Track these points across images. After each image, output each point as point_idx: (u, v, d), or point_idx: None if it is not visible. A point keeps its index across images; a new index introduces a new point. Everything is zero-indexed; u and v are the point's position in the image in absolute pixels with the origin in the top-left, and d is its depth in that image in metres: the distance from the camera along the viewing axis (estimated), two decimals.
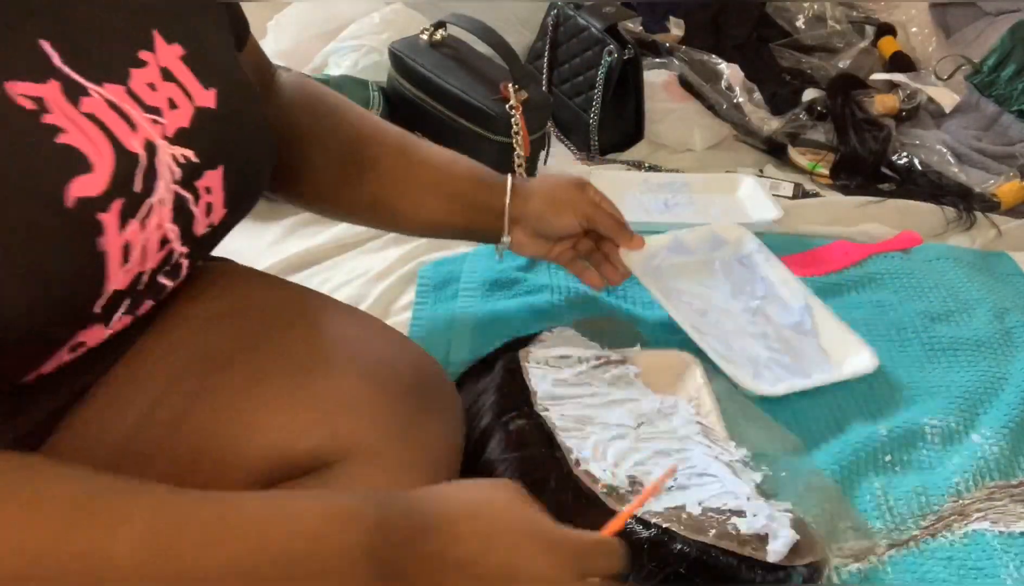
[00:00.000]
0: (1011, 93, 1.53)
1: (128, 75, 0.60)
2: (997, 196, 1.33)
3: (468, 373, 0.83)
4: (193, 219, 0.64)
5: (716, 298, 0.99)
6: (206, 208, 0.65)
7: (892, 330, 1.00)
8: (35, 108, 0.53)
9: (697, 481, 0.71)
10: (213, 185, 0.65)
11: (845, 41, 1.75)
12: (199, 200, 0.64)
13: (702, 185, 1.30)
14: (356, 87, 1.41)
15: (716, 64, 1.57)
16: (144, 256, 0.60)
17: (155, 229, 0.60)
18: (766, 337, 0.95)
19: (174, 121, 0.61)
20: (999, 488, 0.80)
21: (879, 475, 0.81)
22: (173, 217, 0.62)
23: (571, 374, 0.81)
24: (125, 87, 0.59)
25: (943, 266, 1.11)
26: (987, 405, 0.89)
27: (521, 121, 1.27)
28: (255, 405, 0.64)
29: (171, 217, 0.61)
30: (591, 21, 1.43)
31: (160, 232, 0.61)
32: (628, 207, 1.23)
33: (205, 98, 0.64)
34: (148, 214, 0.59)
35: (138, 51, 0.61)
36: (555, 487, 0.69)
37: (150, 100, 0.60)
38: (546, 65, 1.52)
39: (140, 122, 0.59)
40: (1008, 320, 1.02)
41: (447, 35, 1.39)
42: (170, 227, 0.62)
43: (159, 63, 0.62)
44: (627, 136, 1.49)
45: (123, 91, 0.59)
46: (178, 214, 0.62)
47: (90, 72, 0.57)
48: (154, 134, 0.60)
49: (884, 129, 1.45)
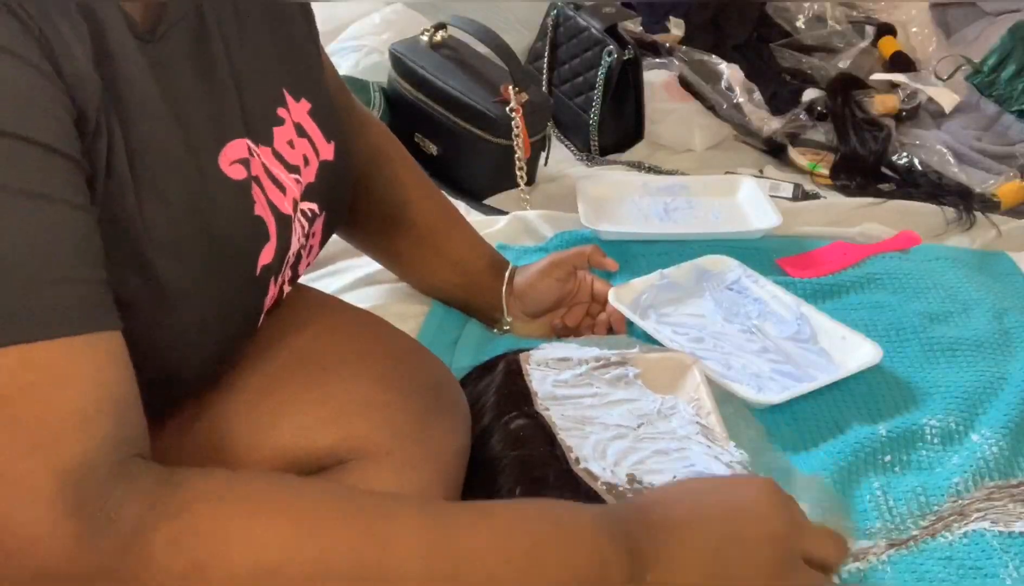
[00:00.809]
0: (1011, 93, 1.53)
1: (272, 136, 0.61)
2: (997, 196, 1.33)
3: (469, 376, 0.84)
4: (301, 261, 0.67)
5: (710, 324, 0.99)
6: (308, 251, 0.68)
7: (891, 330, 1.00)
8: (245, 176, 0.57)
9: None
10: (317, 231, 0.68)
11: (845, 41, 1.75)
12: (311, 251, 0.68)
13: (702, 188, 1.30)
14: (357, 88, 1.41)
15: (716, 64, 1.57)
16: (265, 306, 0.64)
17: (278, 284, 0.64)
18: (766, 351, 0.95)
19: (306, 177, 0.64)
20: (999, 488, 0.80)
21: (879, 475, 0.82)
22: (291, 264, 0.65)
23: (571, 375, 0.81)
24: (271, 148, 0.61)
25: (942, 266, 1.11)
26: (986, 405, 0.89)
27: (521, 123, 1.27)
28: (271, 405, 0.65)
29: (292, 262, 0.65)
30: (591, 21, 1.43)
31: (284, 280, 0.65)
32: (627, 213, 1.24)
33: (327, 151, 0.66)
34: (283, 268, 0.63)
35: (277, 108, 0.63)
36: (555, 485, 0.69)
37: (291, 158, 0.62)
38: (546, 66, 1.52)
39: (288, 184, 0.61)
40: (1007, 320, 1.02)
41: (447, 36, 1.40)
42: (287, 274, 0.65)
43: (294, 119, 0.63)
44: (627, 136, 1.49)
45: (271, 153, 0.61)
46: (294, 261, 0.65)
47: (239, 126, 0.59)
48: (297, 193, 0.63)
49: (884, 129, 1.45)
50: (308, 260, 0.68)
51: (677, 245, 1.15)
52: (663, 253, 1.13)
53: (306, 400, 0.65)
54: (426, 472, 0.64)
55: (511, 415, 0.75)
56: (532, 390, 0.78)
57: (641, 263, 1.11)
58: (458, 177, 1.35)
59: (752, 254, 1.13)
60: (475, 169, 1.34)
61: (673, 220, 1.23)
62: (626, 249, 1.13)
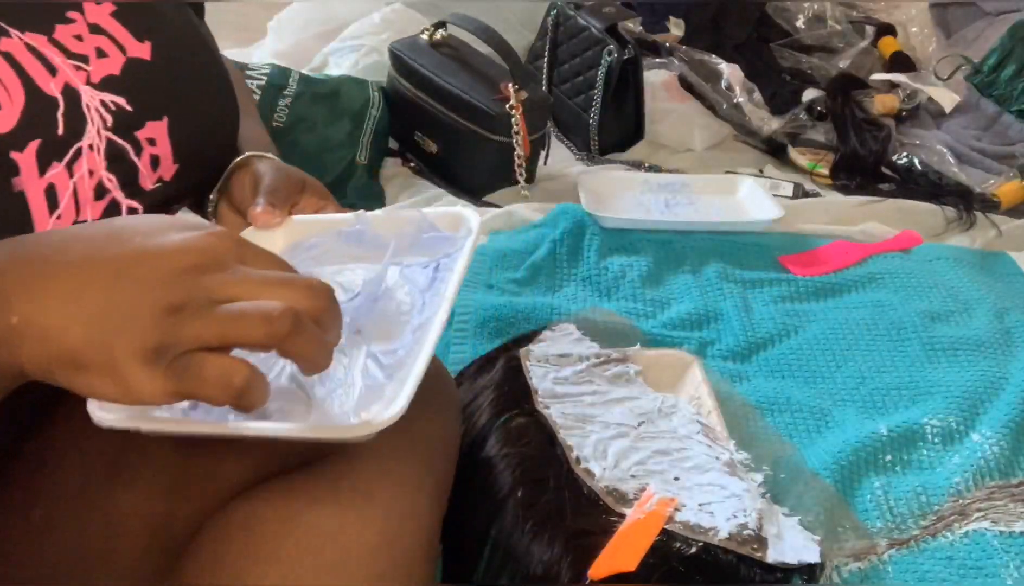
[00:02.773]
0: (1011, 93, 1.53)
1: (53, 28, 0.60)
2: (997, 196, 1.33)
3: (468, 370, 0.83)
4: (137, 171, 0.63)
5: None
6: (151, 160, 0.64)
7: (892, 330, 1.00)
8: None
9: (697, 481, 0.71)
10: (157, 137, 0.64)
11: (845, 41, 1.75)
12: (142, 151, 0.63)
13: (702, 186, 1.30)
14: (356, 87, 1.41)
15: (716, 64, 1.57)
16: (78, 204, 0.60)
17: (87, 176, 0.60)
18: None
19: (102, 68, 0.61)
20: (999, 488, 0.80)
21: (879, 475, 0.81)
22: (108, 165, 0.61)
23: (571, 372, 0.81)
24: (48, 37, 0.59)
25: (943, 266, 1.11)
26: (987, 405, 0.89)
27: (521, 121, 1.27)
28: None
29: (106, 165, 0.61)
30: (591, 21, 1.43)
31: (95, 179, 0.60)
32: (628, 207, 1.24)
33: (138, 50, 0.64)
34: (75, 158, 0.59)
35: (66, 11, 0.61)
36: (555, 485, 0.69)
37: (75, 48, 0.60)
38: (546, 65, 1.52)
39: (61, 67, 0.59)
40: (1008, 320, 1.01)
41: (447, 35, 1.40)
42: (106, 175, 0.61)
43: (87, 20, 0.62)
44: (627, 136, 1.49)
45: (45, 40, 0.59)
46: (115, 162, 0.62)
47: (12, 20, 0.58)
48: (76, 79, 0.60)
49: (884, 129, 1.45)
50: (159, 174, 0.64)
51: (679, 235, 1.15)
52: (665, 242, 1.14)
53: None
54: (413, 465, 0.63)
55: (511, 413, 0.75)
56: (532, 387, 0.77)
57: (643, 252, 1.11)
58: (458, 175, 1.35)
59: (754, 251, 1.14)
60: (475, 167, 1.34)
61: (674, 215, 1.23)
62: (628, 237, 1.13)
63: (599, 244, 1.13)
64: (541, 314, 0.99)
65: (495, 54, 1.31)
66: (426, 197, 1.31)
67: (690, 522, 0.66)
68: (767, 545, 0.66)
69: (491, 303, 1.01)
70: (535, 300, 1.02)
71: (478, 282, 1.05)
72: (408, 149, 1.43)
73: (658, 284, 1.08)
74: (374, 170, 1.39)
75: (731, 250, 1.11)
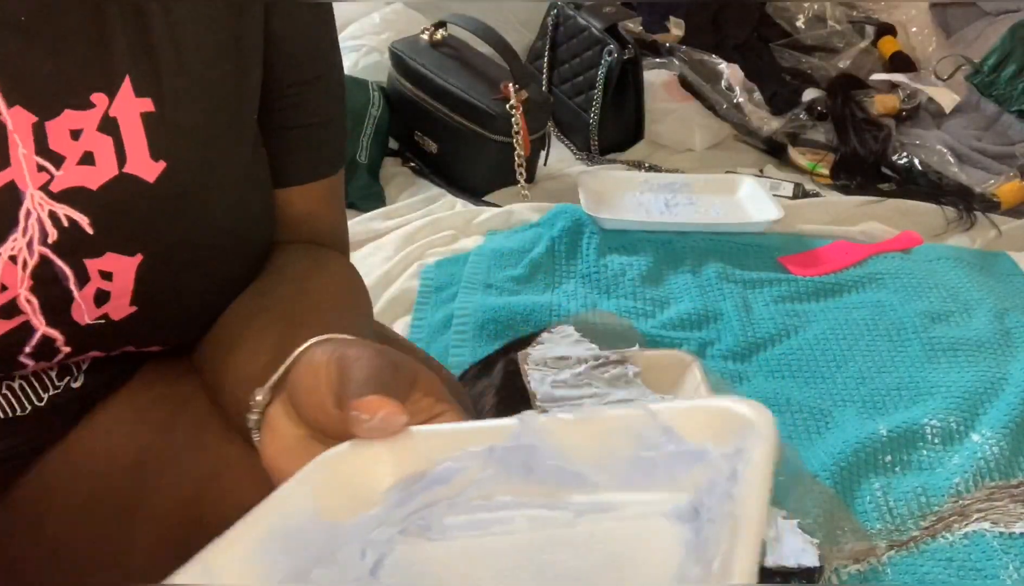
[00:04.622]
0: (1011, 93, 1.53)
1: (57, 113, 0.51)
2: (997, 196, 1.33)
3: (467, 374, 0.83)
4: (71, 302, 0.53)
5: None
6: (96, 294, 0.53)
7: (892, 330, 1.00)
8: None
9: None
10: (117, 272, 0.53)
11: (845, 41, 1.75)
12: (87, 283, 0.53)
13: (703, 185, 1.30)
14: (356, 87, 1.41)
15: (716, 64, 1.57)
16: None
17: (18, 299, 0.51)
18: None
19: (72, 178, 0.51)
20: (999, 488, 0.80)
21: (879, 475, 0.81)
22: (32, 286, 0.51)
23: (570, 375, 0.81)
24: (38, 121, 0.50)
25: (943, 266, 1.11)
26: (987, 405, 0.89)
27: (521, 121, 1.27)
28: None
29: (30, 285, 0.51)
30: (591, 21, 1.43)
31: (6, 296, 0.51)
32: (628, 207, 1.24)
33: (144, 168, 0.53)
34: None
35: (92, 93, 0.52)
36: None
37: (57, 146, 0.51)
38: (546, 65, 1.52)
39: (19, 161, 0.50)
40: (1008, 320, 1.01)
41: (447, 35, 1.39)
42: (26, 294, 0.52)
43: (110, 113, 0.52)
44: (627, 136, 1.49)
45: (30, 123, 0.50)
46: (44, 285, 0.52)
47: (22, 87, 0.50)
48: (28, 181, 0.50)
49: (884, 129, 1.45)
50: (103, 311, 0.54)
51: (678, 236, 1.15)
52: (665, 242, 1.14)
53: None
54: None
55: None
56: (531, 391, 0.77)
57: (642, 251, 1.11)
58: (458, 174, 1.35)
59: (754, 251, 1.14)
60: (475, 166, 1.34)
61: (674, 215, 1.23)
62: (627, 237, 1.13)
63: (598, 242, 1.13)
64: (540, 315, 0.99)
65: (495, 54, 1.31)
66: (426, 196, 1.31)
67: None
68: (765, 549, 0.66)
69: (490, 305, 1.01)
70: (534, 299, 1.02)
71: (477, 282, 1.05)
72: (408, 149, 1.43)
73: (658, 283, 1.08)
74: (374, 170, 1.39)
75: (731, 250, 1.11)
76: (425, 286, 1.05)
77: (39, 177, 0.50)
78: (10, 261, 0.51)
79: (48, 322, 0.53)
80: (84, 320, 0.53)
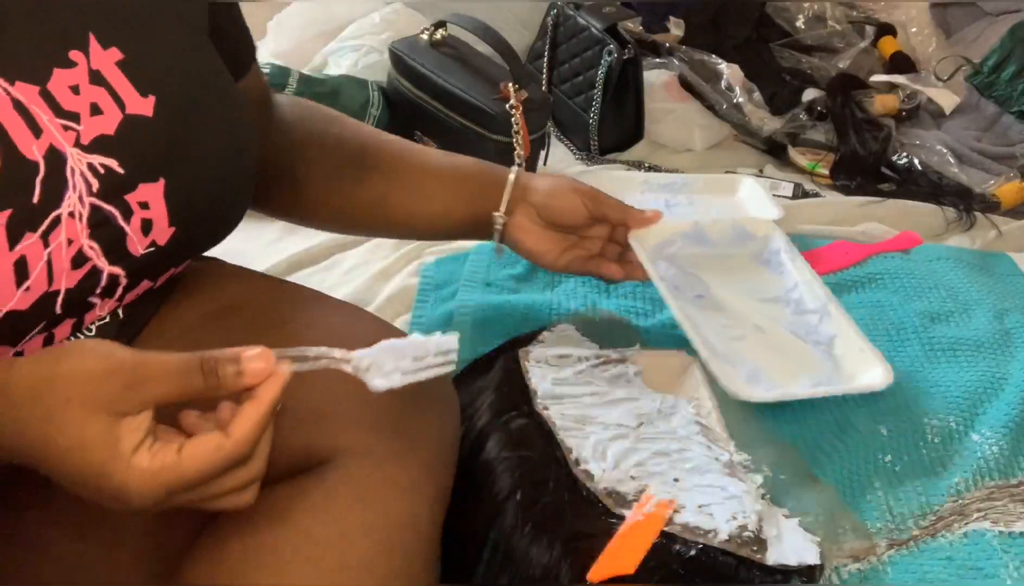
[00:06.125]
0: (1011, 94, 1.53)
1: (49, 75, 0.56)
2: (997, 196, 1.34)
3: (466, 371, 0.83)
4: (125, 236, 0.60)
5: (729, 297, 0.92)
6: (142, 225, 0.60)
7: (892, 330, 1.00)
8: None
9: (697, 482, 0.71)
10: (151, 199, 0.60)
11: (845, 41, 1.75)
12: (132, 216, 0.60)
13: (703, 185, 1.29)
14: (356, 87, 1.41)
15: (716, 64, 1.57)
16: (52, 274, 0.56)
17: (65, 245, 0.56)
18: (778, 342, 0.89)
19: (94, 128, 0.57)
20: (999, 488, 0.80)
21: (879, 475, 0.81)
22: (91, 232, 0.58)
23: (571, 373, 0.81)
24: (41, 88, 0.56)
25: (943, 266, 1.11)
26: (987, 405, 0.89)
27: (521, 120, 1.27)
28: None
29: (88, 232, 0.58)
30: (591, 21, 1.43)
31: (74, 248, 0.57)
32: None
33: (139, 105, 0.60)
34: (53, 227, 0.55)
35: (69, 51, 0.57)
36: (555, 487, 0.69)
37: (68, 104, 0.56)
38: (546, 65, 1.52)
39: (47, 127, 0.55)
40: (1008, 320, 1.01)
41: (447, 35, 1.40)
42: (88, 243, 0.58)
43: (91, 65, 0.58)
44: (627, 136, 1.49)
45: (36, 92, 0.55)
46: (99, 228, 0.58)
47: (8, 64, 0.54)
48: (63, 141, 0.56)
49: (884, 129, 1.45)
50: (151, 238, 0.61)
51: None
52: None
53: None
54: (412, 467, 0.63)
55: (510, 415, 0.75)
56: (531, 388, 0.77)
57: None
58: None
59: None
60: None
61: (674, 215, 1.23)
62: None
63: None
64: (539, 313, 0.99)
65: (495, 54, 1.31)
66: None
67: (689, 524, 0.66)
68: (767, 547, 0.66)
69: (489, 303, 1.01)
70: (533, 298, 1.02)
71: (476, 281, 1.05)
72: None
73: None
74: None
75: None
76: (425, 284, 1.05)
77: (68, 136, 0.56)
78: (70, 217, 0.56)
79: (111, 261, 0.60)
80: (138, 251, 0.61)
